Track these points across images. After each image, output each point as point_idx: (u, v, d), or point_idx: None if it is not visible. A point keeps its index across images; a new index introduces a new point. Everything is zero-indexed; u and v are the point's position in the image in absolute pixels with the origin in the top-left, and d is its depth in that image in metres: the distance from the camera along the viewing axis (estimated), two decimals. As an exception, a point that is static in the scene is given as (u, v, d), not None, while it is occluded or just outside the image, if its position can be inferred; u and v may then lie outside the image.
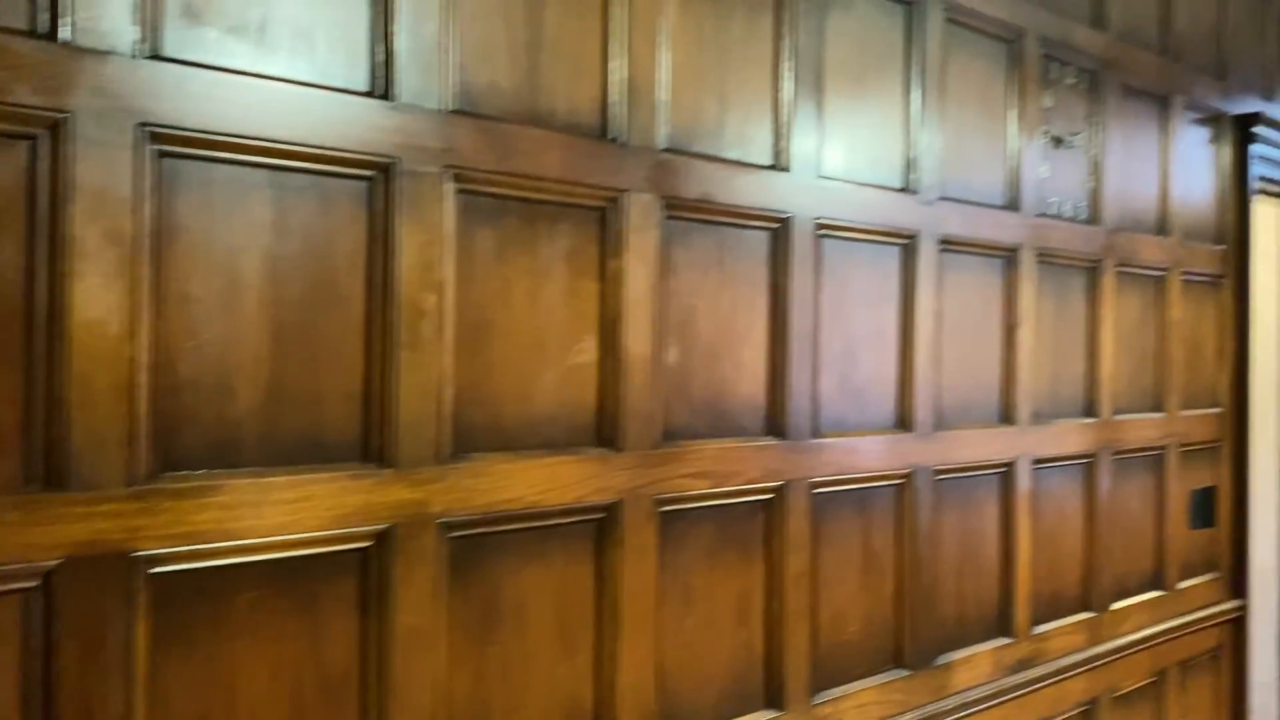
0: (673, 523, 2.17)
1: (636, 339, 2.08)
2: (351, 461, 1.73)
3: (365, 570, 1.74)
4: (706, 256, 2.24)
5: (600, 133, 2.05)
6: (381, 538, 1.74)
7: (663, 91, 2.14)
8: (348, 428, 1.73)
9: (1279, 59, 4.23)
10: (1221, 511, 3.90)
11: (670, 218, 2.16)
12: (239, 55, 1.61)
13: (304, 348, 1.67)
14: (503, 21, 1.91)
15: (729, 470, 2.26)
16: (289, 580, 1.65)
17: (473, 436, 1.86)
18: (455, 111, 1.83)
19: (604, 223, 2.06)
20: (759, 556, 2.35)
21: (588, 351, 2.03)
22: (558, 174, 1.96)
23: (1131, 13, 3.44)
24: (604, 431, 2.06)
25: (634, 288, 2.08)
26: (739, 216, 2.30)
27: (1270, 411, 4.82)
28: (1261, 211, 4.55)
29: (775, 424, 2.38)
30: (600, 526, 2.04)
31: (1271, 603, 4.78)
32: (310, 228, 1.68)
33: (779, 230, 2.37)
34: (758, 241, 2.35)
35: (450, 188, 1.82)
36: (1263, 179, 4.14)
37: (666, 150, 2.15)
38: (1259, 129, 3.99)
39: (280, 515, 1.63)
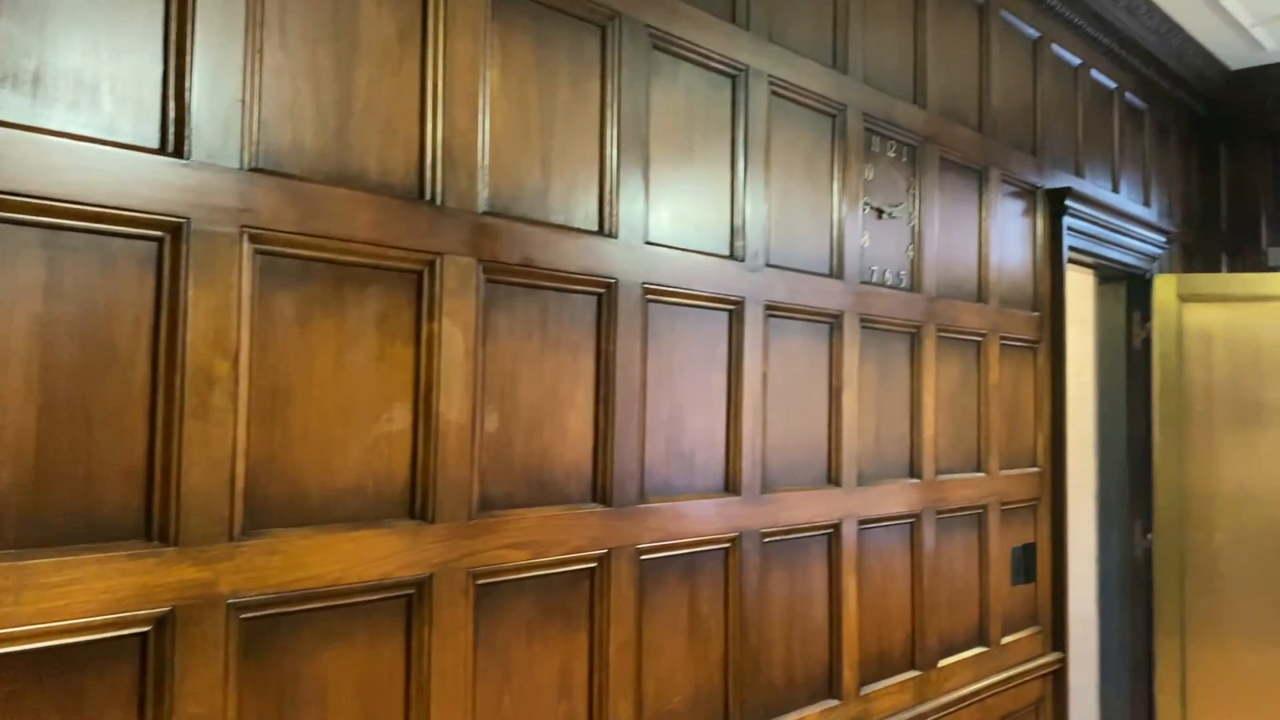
0: (490, 596, 2.10)
1: (452, 406, 2.03)
2: (131, 540, 1.60)
3: (143, 658, 1.61)
4: (529, 321, 2.21)
5: (416, 194, 2.01)
6: (161, 622, 1.62)
7: (484, 154, 2.12)
8: (127, 503, 1.61)
9: (1086, 138, 4.53)
10: (1041, 567, 4.06)
11: (491, 281, 2.13)
12: (11, 107, 1.50)
13: (78, 418, 1.55)
14: (310, 79, 1.85)
15: (551, 539, 2.21)
16: (52, 673, 1.51)
17: (269, 511, 1.76)
18: (256, 170, 1.76)
19: (419, 286, 2.00)
20: (582, 627, 2.30)
21: (399, 420, 1.96)
22: (368, 236, 1.91)
23: (950, 91, 3.62)
24: (416, 503, 1.98)
25: (451, 353, 2.03)
26: (564, 281, 2.28)
27: (1085, 470, 5.09)
28: (1073, 280, 4.83)
29: (600, 490, 2.35)
30: (410, 603, 1.96)
31: (1089, 653, 5.00)
32: (90, 290, 1.57)
33: (605, 295, 2.37)
34: (583, 306, 2.33)
35: (248, 249, 1.74)
36: (1073, 249, 4.40)
37: (488, 213, 2.12)
38: (1070, 203, 4.25)
39: (43, 601, 1.49)
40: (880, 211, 3.26)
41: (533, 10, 2.24)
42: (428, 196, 2.02)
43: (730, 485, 2.69)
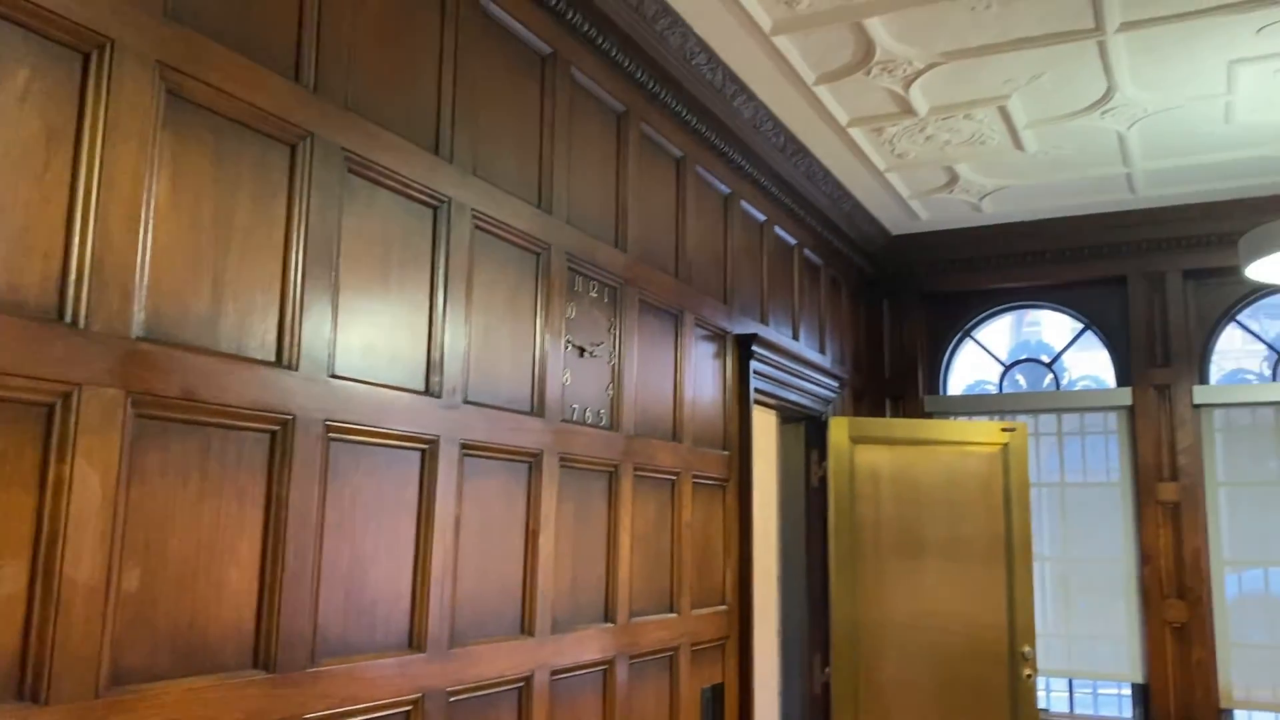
0: (115, 790, 1.77)
1: (82, 562, 1.72)
2: None
3: None
4: (188, 461, 1.95)
5: (55, 315, 1.73)
6: None
7: (143, 272, 1.88)
8: None
9: (771, 288, 4.83)
10: (729, 707, 4.09)
11: (142, 417, 1.86)
12: None
13: None
14: (-78, 174, 1.56)
15: (199, 717, 1.91)
16: None
17: None
18: None
19: (49, 422, 1.71)
20: (232, 817, 1.99)
21: (9, 581, 1.63)
22: (-15, 362, 1.61)
23: (650, 237, 3.73)
24: (25, 681, 1.65)
25: (84, 500, 1.73)
26: (232, 416, 2.04)
27: (769, 605, 5.25)
28: (758, 419, 5.07)
29: (264, 654, 2.07)
30: (4, 810, 1.60)
31: (774, 789, 5.07)
32: None
33: (280, 432, 2.15)
34: (255, 445, 2.10)
35: None
36: (759, 391, 4.62)
37: (143, 339, 1.87)
38: (757, 348, 4.47)
39: None
40: (582, 350, 3.25)
41: (212, 122, 2.05)
42: (68, 318, 1.75)
43: (415, 641, 2.48)
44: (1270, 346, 5.78)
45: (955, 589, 5.30)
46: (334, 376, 2.29)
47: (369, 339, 2.41)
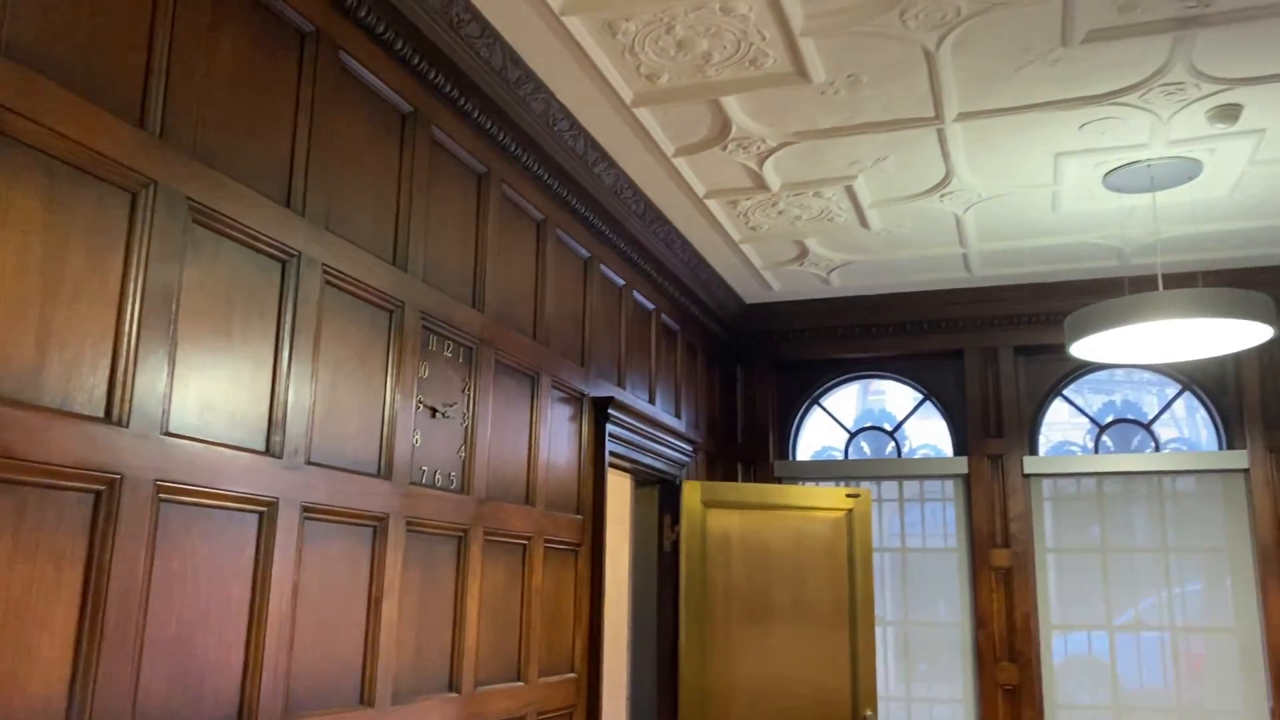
0: None
1: None
2: None
3: None
4: (0, 522, 1.82)
5: None
6: None
7: (-42, 320, 1.75)
8: None
9: (628, 352, 4.88)
10: (576, 776, 4.02)
11: (-52, 474, 1.72)
12: None
13: None
14: None
15: (-5, 802, 1.76)
16: None
17: None
18: None
19: None
20: None
21: None
22: None
23: (508, 297, 3.72)
24: None
25: (-126, 565, 1.59)
26: (54, 475, 1.92)
27: (619, 671, 5.21)
28: (613, 483, 5.08)
29: (74, 732, 1.93)
30: None
31: None
32: None
33: (106, 493, 2.02)
34: (76, 505, 1.97)
35: None
36: (614, 454, 4.64)
37: (-46, 391, 1.74)
38: (613, 411, 4.49)
39: None
40: (434, 410, 3.20)
41: (46, 165, 1.95)
42: None
43: (246, 714, 2.35)
44: (1093, 420, 6.16)
45: (801, 653, 5.39)
46: (168, 434, 2.18)
47: (208, 395, 2.31)
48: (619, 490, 5.42)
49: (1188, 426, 6.16)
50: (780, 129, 3.95)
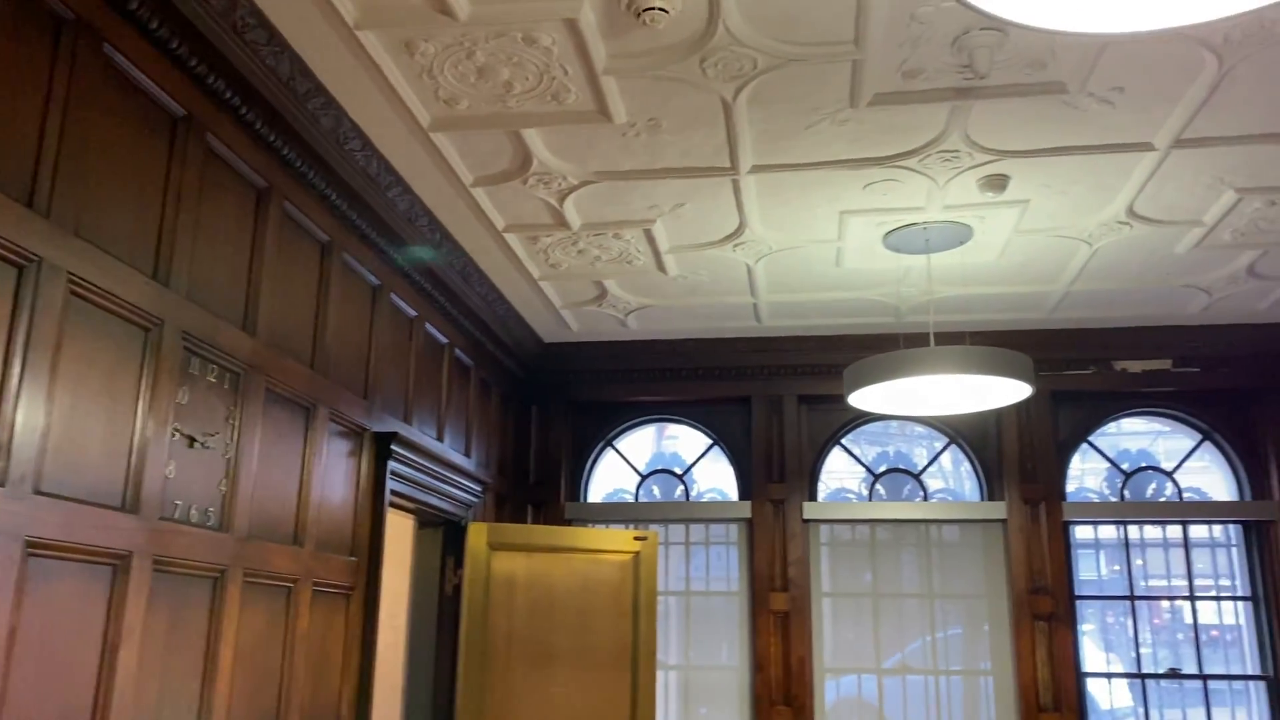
0: None
1: None
2: None
3: None
4: None
5: None
6: None
7: None
8: None
9: (417, 386, 4.70)
10: (337, 836, 3.76)
11: None
12: None
13: None
14: None
15: None
16: None
17: None
18: None
19: None
20: None
21: None
22: None
23: (285, 322, 3.50)
24: None
25: None
26: None
27: (392, 720, 4.96)
28: (394, 523, 4.86)
29: None
30: None
31: None
32: None
33: None
34: None
35: None
36: (396, 493, 4.44)
37: None
38: (397, 447, 4.30)
39: None
40: (193, 440, 2.94)
41: None
42: None
43: (-65, 781, 2.04)
44: (868, 469, 6.43)
45: (582, 698, 5.30)
46: None
47: (-88, 412, 2.02)
48: (400, 531, 5.19)
49: (953, 478, 6.52)
50: (581, 167, 3.93)
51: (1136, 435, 6.40)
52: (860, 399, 4.47)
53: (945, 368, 4.07)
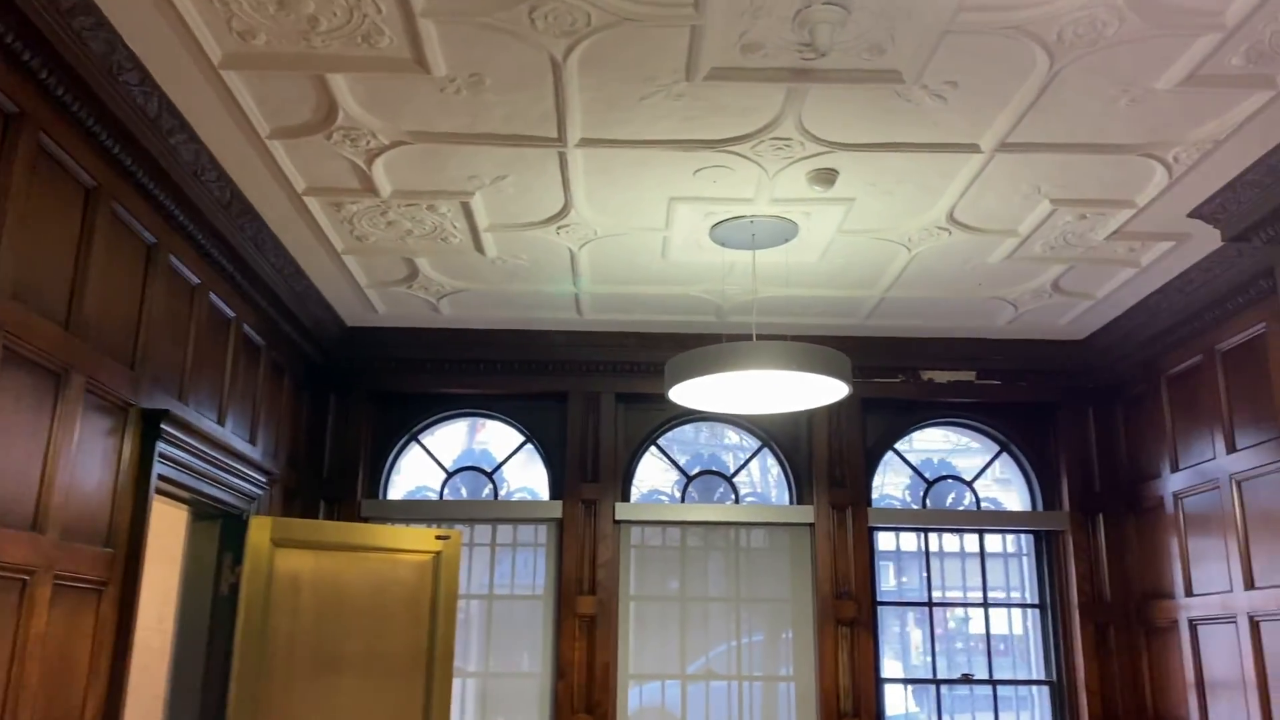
0: None
1: None
2: None
3: None
4: None
5: None
6: None
7: None
8: None
9: (197, 363, 4.21)
10: None
11: None
12: None
13: None
14: None
15: None
16: None
17: None
18: None
19: None
20: None
21: None
22: None
23: (34, 273, 3.01)
24: None
25: None
26: None
27: (149, 735, 4.43)
28: (164, 513, 4.35)
29: None
30: None
31: None
32: None
33: None
34: None
35: None
36: (166, 480, 3.95)
37: None
38: (168, 428, 3.82)
39: None
40: (-102, 400, 2.44)
41: None
42: None
43: None
44: (681, 471, 6.31)
45: (371, 708, 4.91)
46: None
47: None
48: (172, 523, 4.67)
49: (764, 483, 6.50)
50: (394, 124, 3.59)
51: (939, 445, 6.56)
52: (681, 393, 4.32)
53: (769, 363, 3.96)
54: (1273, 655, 4.49)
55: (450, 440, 6.51)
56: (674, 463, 6.32)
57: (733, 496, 6.29)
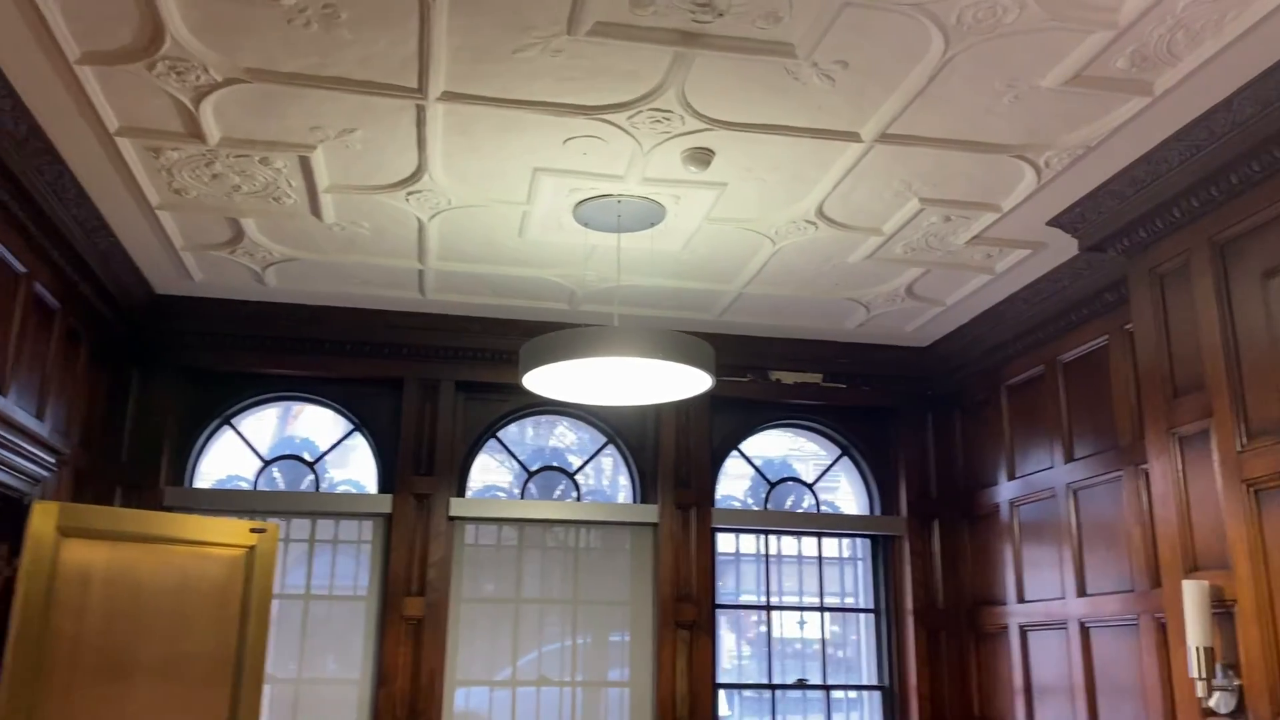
0: None
1: None
2: None
3: None
4: None
5: None
6: None
7: None
8: None
9: (-26, 319, 3.63)
10: None
11: None
12: None
13: None
14: None
15: None
16: None
17: None
18: None
19: None
20: None
21: None
22: None
23: None
24: None
25: None
26: None
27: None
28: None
29: None
30: None
31: None
32: None
33: None
34: None
35: None
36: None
37: None
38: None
39: None
40: None
41: None
42: None
43: None
44: (523, 466, 6.01)
45: (169, 719, 4.39)
46: None
47: None
48: (-66, 506, 4.02)
49: (609, 480, 6.27)
50: (229, 58, 3.16)
51: (781, 446, 6.51)
52: (536, 380, 4.03)
53: (637, 350, 3.73)
54: (1101, 661, 4.60)
55: (268, 426, 5.98)
56: (514, 456, 6.01)
57: (575, 494, 6.03)
